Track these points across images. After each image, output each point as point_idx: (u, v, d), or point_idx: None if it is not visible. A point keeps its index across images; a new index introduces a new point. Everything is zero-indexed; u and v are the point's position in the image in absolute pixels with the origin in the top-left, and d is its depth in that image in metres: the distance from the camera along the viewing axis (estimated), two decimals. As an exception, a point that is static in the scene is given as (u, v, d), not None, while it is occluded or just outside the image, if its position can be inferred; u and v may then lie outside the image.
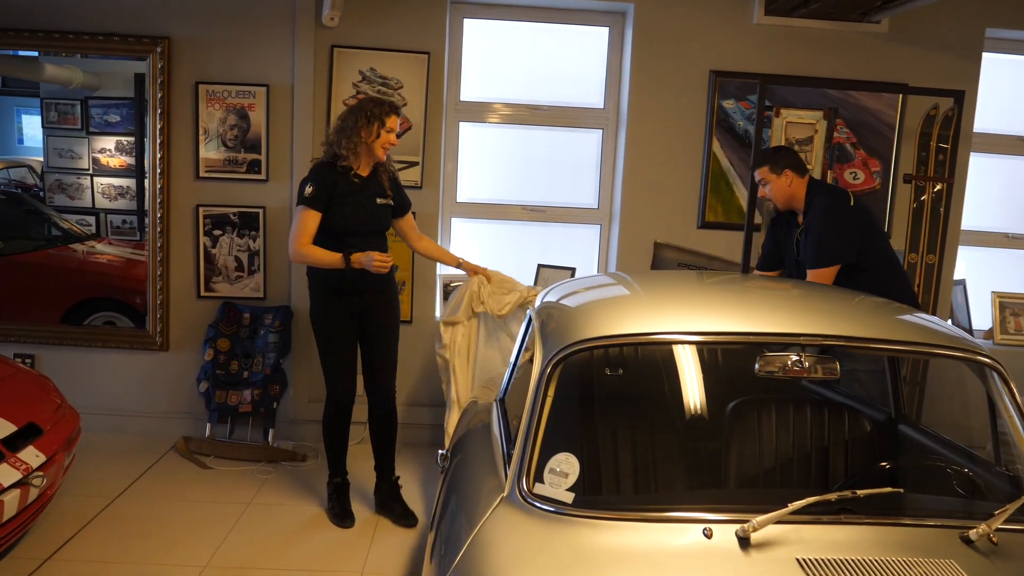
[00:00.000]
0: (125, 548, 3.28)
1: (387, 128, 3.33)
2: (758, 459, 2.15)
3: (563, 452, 1.75)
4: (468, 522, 1.75)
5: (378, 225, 3.47)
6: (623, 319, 2.01)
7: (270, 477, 4.07)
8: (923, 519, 1.65)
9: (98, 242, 6.04)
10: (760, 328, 1.92)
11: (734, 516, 1.59)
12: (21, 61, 5.55)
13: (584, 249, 4.83)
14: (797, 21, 4.37)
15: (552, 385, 1.86)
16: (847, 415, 2.49)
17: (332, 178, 3.31)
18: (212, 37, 4.31)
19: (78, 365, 4.50)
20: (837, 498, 1.61)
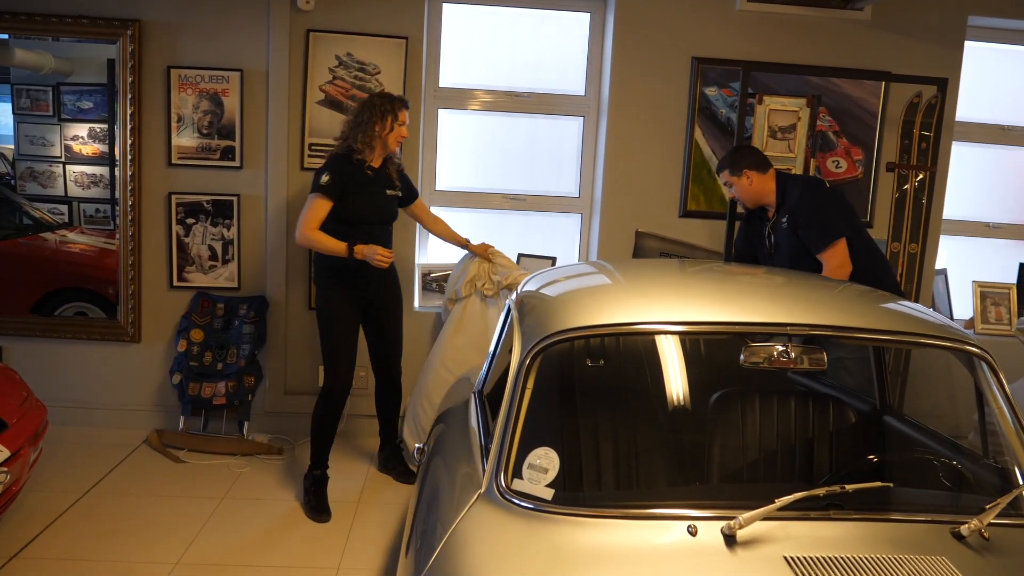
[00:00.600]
0: (94, 545, 3.19)
1: (400, 122, 3.53)
2: (742, 452, 2.11)
3: (542, 447, 1.69)
4: (444, 519, 1.69)
5: (387, 215, 3.65)
6: (604, 309, 1.95)
7: (245, 471, 3.99)
8: (913, 514, 1.60)
9: (70, 231, 5.89)
10: (744, 318, 1.87)
11: (719, 513, 1.54)
12: (-12, 45, 5.39)
13: (565, 238, 4.77)
14: (780, 8, 4.32)
15: (531, 377, 1.80)
16: (832, 406, 2.45)
17: (348, 169, 3.47)
18: (184, 20, 4.20)
19: (47, 357, 4.39)
20: (825, 493, 1.57)
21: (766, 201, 3.53)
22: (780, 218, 3.47)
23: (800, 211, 3.39)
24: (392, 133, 3.52)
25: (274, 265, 4.35)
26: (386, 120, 3.49)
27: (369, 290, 3.62)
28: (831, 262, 3.32)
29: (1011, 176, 4.92)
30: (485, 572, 1.45)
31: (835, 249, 3.31)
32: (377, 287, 3.65)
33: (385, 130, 3.50)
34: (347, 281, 3.56)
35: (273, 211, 4.30)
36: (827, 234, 3.33)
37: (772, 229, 3.53)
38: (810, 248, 3.38)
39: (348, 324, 3.61)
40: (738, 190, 3.57)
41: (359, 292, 3.59)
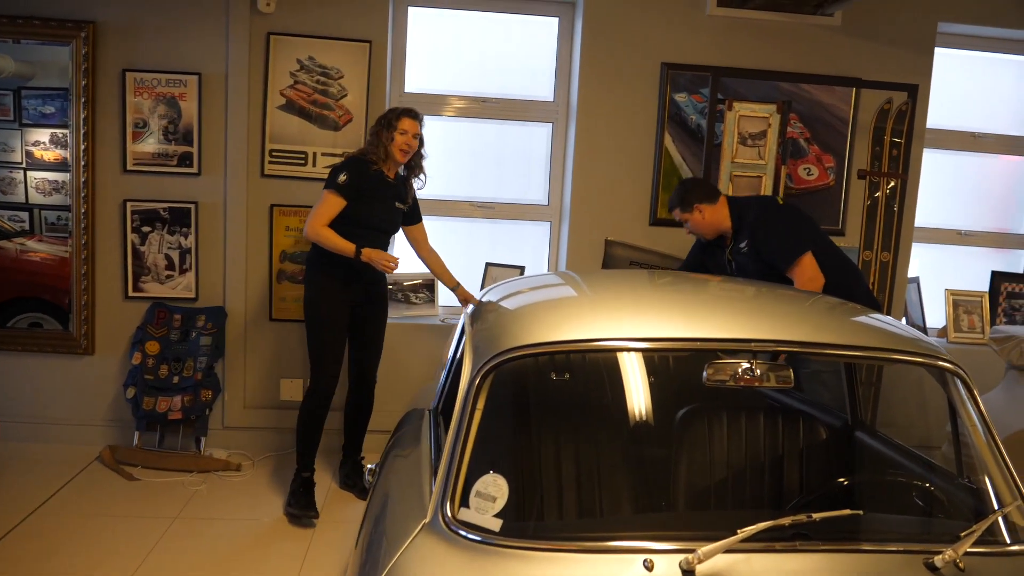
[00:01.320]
0: (37, 567, 3.04)
1: (399, 130, 3.53)
2: (708, 474, 2.01)
3: (491, 473, 1.58)
4: (387, 549, 1.58)
5: (391, 226, 3.69)
6: (562, 324, 1.85)
7: (201, 488, 3.84)
8: (885, 544, 1.51)
9: (28, 239, 5.71)
10: (708, 333, 1.78)
11: (679, 545, 1.44)
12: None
13: (534, 247, 4.68)
14: (750, 13, 4.26)
15: (481, 397, 1.70)
16: (802, 423, 2.37)
17: (365, 172, 3.51)
18: (140, 22, 4.06)
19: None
20: (791, 523, 1.47)
21: (723, 229, 3.49)
22: (738, 243, 3.42)
23: (758, 232, 3.34)
24: (394, 143, 3.52)
25: (233, 275, 4.21)
26: (389, 131, 3.53)
27: (359, 292, 3.63)
28: (801, 278, 3.26)
29: (982, 183, 4.89)
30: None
31: (802, 264, 3.26)
32: (366, 290, 3.67)
33: (388, 140, 3.53)
34: (340, 279, 3.56)
35: (232, 219, 4.17)
36: (790, 250, 3.28)
37: (732, 255, 3.47)
38: (777, 267, 3.31)
39: (337, 321, 3.60)
40: (693, 225, 3.53)
41: (350, 292, 3.60)
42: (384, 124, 3.57)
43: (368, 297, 3.70)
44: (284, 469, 4.06)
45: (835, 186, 4.47)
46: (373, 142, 3.57)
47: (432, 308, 4.49)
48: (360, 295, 3.66)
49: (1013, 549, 1.56)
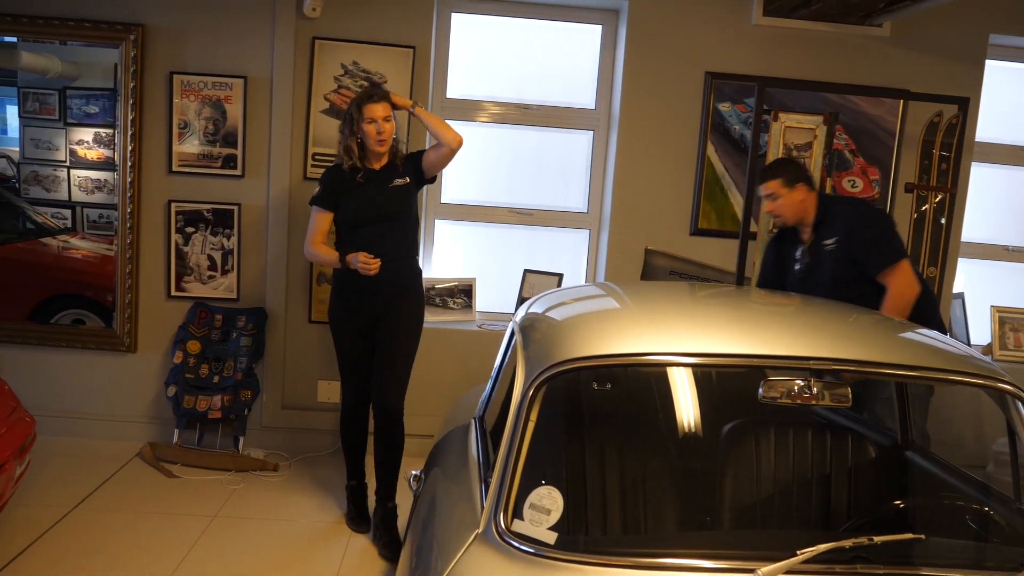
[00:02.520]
0: (79, 563, 3.08)
1: (366, 119, 3.24)
2: (755, 492, 1.98)
3: (545, 485, 1.58)
4: (440, 560, 1.58)
5: (392, 208, 3.35)
6: (614, 337, 1.84)
7: (239, 488, 3.88)
8: (947, 570, 1.48)
9: (72, 236, 5.82)
10: (762, 350, 1.76)
11: (733, 564, 1.42)
12: (-5, 47, 5.34)
13: (572, 254, 4.67)
14: (796, 23, 4.22)
15: (535, 409, 1.69)
16: (851, 440, 2.33)
17: (339, 176, 3.36)
18: (188, 25, 4.12)
19: (40, 365, 4.29)
20: (852, 545, 1.45)
21: (806, 218, 3.36)
22: (822, 239, 3.29)
23: (856, 230, 3.22)
24: (368, 137, 3.27)
25: (274, 276, 4.25)
26: (354, 125, 3.27)
27: (376, 306, 3.36)
28: (898, 283, 3.13)
29: (1031, 199, 4.80)
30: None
31: (900, 269, 3.15)
32: (385, 303, 3.36)
33: (359, 133, 3.28)
34: (351, 293, 3.39)
35: (275, 221, 4.21)
36: (891, 253, 3.17)
37: (809, 251, 3.35)
38: (868, 271, 3.17)
39: (352, 338, 3.43)
40: (785, 203, 3.32)
41: (365, 306, 3.36)
42: (347, 122, 3.31)
43: (387, 311, 3.36)
44: (320, 470, 4.09)
45: (879, 199, 4.41)
46: (343, 147, 3.32)
47: (469, 314, 4.49)
48: (377, 309, 3.36)
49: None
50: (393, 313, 3.37)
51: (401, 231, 3.39)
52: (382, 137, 3.26)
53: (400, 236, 3.38)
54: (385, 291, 3.33)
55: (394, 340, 3.37)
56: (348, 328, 3.42)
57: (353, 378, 3.48)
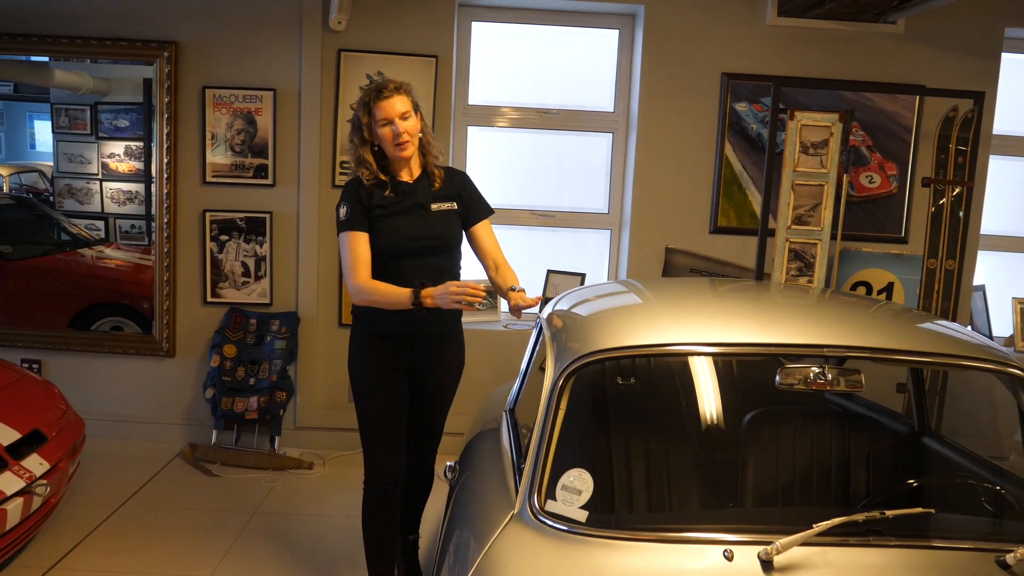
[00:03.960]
0: (128, 559, 3.22)
1: (379, 121, 2.55)
2: (777, 474, 2.08)
3: (576, 468, 1.68)
4: (477, 540, 1.69)
5: (441, 239, 2.64)
6: (638, 329, 1.94)
7: (276, 485, 4.01)
8: (956, 541, 1.57)
9: (106, 247, 6.01)
10: (778, 339, 1.85)
11: (756, 537, 1.52)
12: (30, 66, 5.53)
13: (594, 254, 4.76)
14: (811, 22, 4.30)
15: (564, 397, 1.80)
16: (868, 427, 2.42)
17: (366, 191, 2.60)
18: (219, 41, 4.27)
19: (84, 371, 4.46)
20: (865, 519, 1.54)
21: None
22: None
23: None
24: (385, 142, 2.58)
25: (305, 281, 4.38)
26: (359, 136, 2.62)
27: (415, 357, 2.67)
28: None
29: (1050, 190, 4.83)
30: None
31: None
32: (426, 354, 2.69)
33: (373, 140, 2.60)
34: (385, 343, 2.65)
35: (305, 228, 4.35)
36: None
37: None
38: None
39: (388, 399, 2.68)
40: None
41: (401, 358, 2.66)
42: (356, 128, 2.62)
43: (428, 362, 2.69)
44: (353, 468, 4.19)
45: (898, 194, 4.47)
46: (355, 159, 2.63)
47: (494, 314, 4.60)
48: (415, 359, 2.67)
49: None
50: (435, 364, 2.72)
51: (447, 261, 2.69)
52: (402, 140, 2.55)
53: (447, 269, 2.67)
54: (426, 338, 2.66)
55: (439, 395, 2.78)
56: (380, 386, 2.67)
57: (384, 450, 2.69)
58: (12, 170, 7.17)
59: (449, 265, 2.70)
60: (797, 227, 3.98)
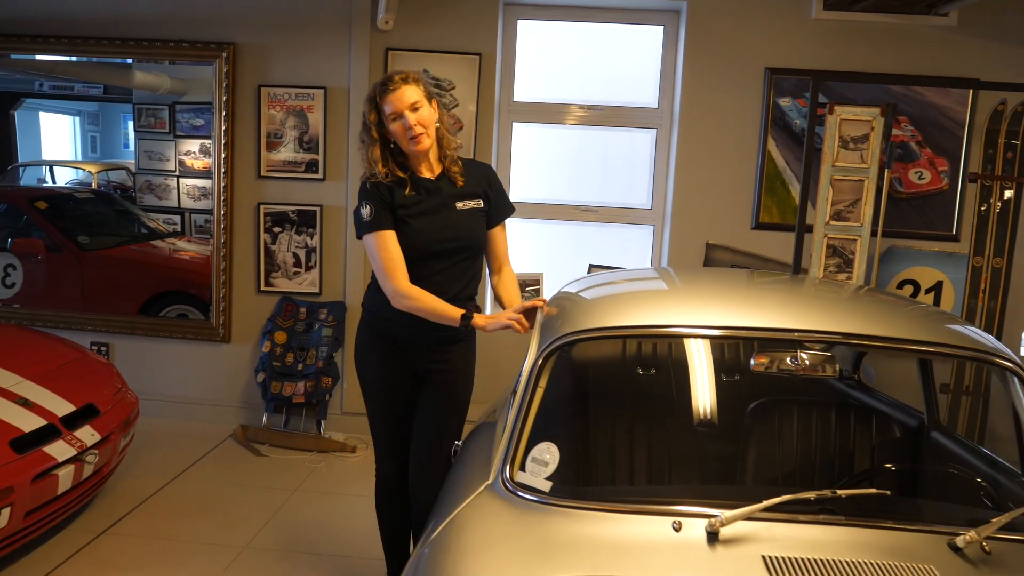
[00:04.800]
0: (174, 527, 3.44)
1: (388, 116, 2.42)
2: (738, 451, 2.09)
3: (545, 442, 1.76)
4: (452, 505, 1.78)
5: (465, 240, 2.54)
6: (624, 311, 2.00)
7: (319, 466, 4.19)
8: (910, 523, 1.58)
9: (178, 239, 6.37)
10: (758, 323, 1.88)
11: (705, 511, 1.56)
12: (114, 68, 5.91)
13: (638, 250, 4.79)
14: (858, 15, 4.23)
15: (544, 376, 1.87)
16: (875, 420, 2.41)
17: (387, 188, 2.47)
18: (274, 42, 4.48)
19: (148, 354, 4.75)
20: (816, 497, 1.57)
21: None
22: None
23: None
24: (396, 137, 2.45)
25: (352, 272, 4.56)
26: (368, 134, 2.49)
27: (418, 360, 2.59)
28: None
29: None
30: (470, 555, 1.54)
31: None
32: (430, 359, 2.59)
33: (376, 143, 2.46)
34: (385, 341, 2.60)
35: (353, 221, 4.51)
36: None
37: None
38: None
39: (389, 396, 2.64)
40: None
41: (405, 358, 2.59)
42: (365, 131, 2.49)
43: (432, 367, 2.59)
44: (393, 453, 4.36)
45: (949, 190, 4.35)
46: (367, 159, 2.50)
47: (536, 307, 4.67)
48: (419, 363, 2.59)
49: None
50: (442, 366, 2.60)
51: (471, 263, 2.59)
52: (416, 132, 2.40)
53: (470, 271, 2.59)
54: (435, 338, 2.55)
55: (442, 403, 2.62)
56: (383, 383, 2.64)
57: (389, 447, 2.70)
58: (100, 167, 7.65)
59: (473, 268, 2.60)
60: (836, 223, 3.94)
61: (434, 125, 2.49)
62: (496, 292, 2.67)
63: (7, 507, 2.72)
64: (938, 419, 2.40)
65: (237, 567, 3.16)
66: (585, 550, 1.52)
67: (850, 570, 1.43)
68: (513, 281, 2.66)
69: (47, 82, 6.91)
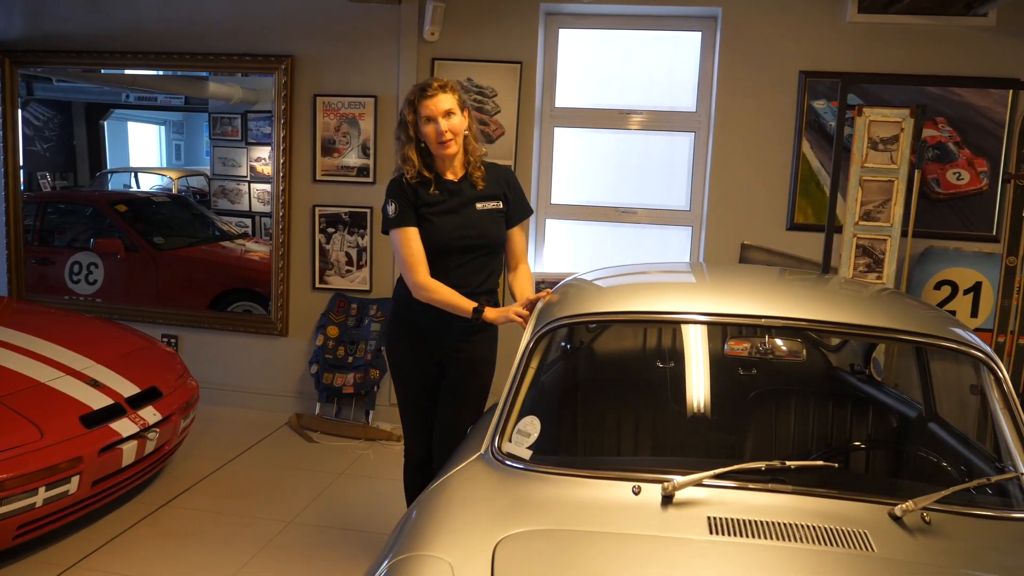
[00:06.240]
0: (228, 502, 3.74)
1: (423, 119, 2.62)
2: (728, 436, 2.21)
3: (530, 415, 1.93)
4: (444, 474, 1.97)
5: (484, 238, 2.73)
6: (616, 297, 2.17)
7: (366, 453, 4.45)
8: (855, 493, 1.69)
9: (247, 240, 6.77)
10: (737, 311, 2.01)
11: (663, 478, 1.71)
12: (191, 80, 6.34)
13: (677, 251, 4.90)
14: (893, 18, 4.26)
15: (535, 358, 2.05)
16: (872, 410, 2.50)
17: (411, 188, 2.68)
18: (329, 54, 4.78)
19: (213, 346, 5.10)
20: (766, 467, 1.70)
21: None
22: None
23: None
24: (429, 140, 2.65)
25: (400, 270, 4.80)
26: (404, 133, 2.69)
27: (439, 348, 2.78)
28: None
29: None
30: (448, 508, 1.73)
31: None
32: (452, 346, 2.76)
33: (412, 143, 2.67)
34: (412, 330, 2.81)
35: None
36: None
37: None
38: None
39: (415, 381, 2.86)
40: None
41: (427, 347, 2.79)
42: (402, 126, 2.69)
43: (453, 355, 2.77)
44: (435, 442, 4.59)
45: (989, 191, 4.34)
46: (400, 156, 2.72)
47: (575, 305, 4.84)
48: (440, 351, 2.78)
49: (986, 513, 1.68)
50: (459, 357, 2.78)
51: (490, 260, 2.78)
52: (446, 138, 2.61)
53: (488, 267, 2.77)
54: (459, 328, 2.71)
55: (459, 397, 2.81)
56: (409, 368, 2.86)
57: (415, 429, 2.92)
58: (181, 173, 8.17)
59: (492, 264, 2.78)
60: (865, 223, 3.99)
61: (463, 133, 2.70)
62: (511, 288, 2.86)
63: (76, 475, 3.04)
64: (935, 411, 2.47)
65: (281, 539, 3.42)
66: (551, 508, 1.69)
67: (784, 531, 1.56)
68: (528, 278, 2.84)
69: (132, 94, 7.42)
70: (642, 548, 1.53)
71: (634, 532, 1.58)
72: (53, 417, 3.08)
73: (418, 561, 1.52)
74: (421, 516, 1.74)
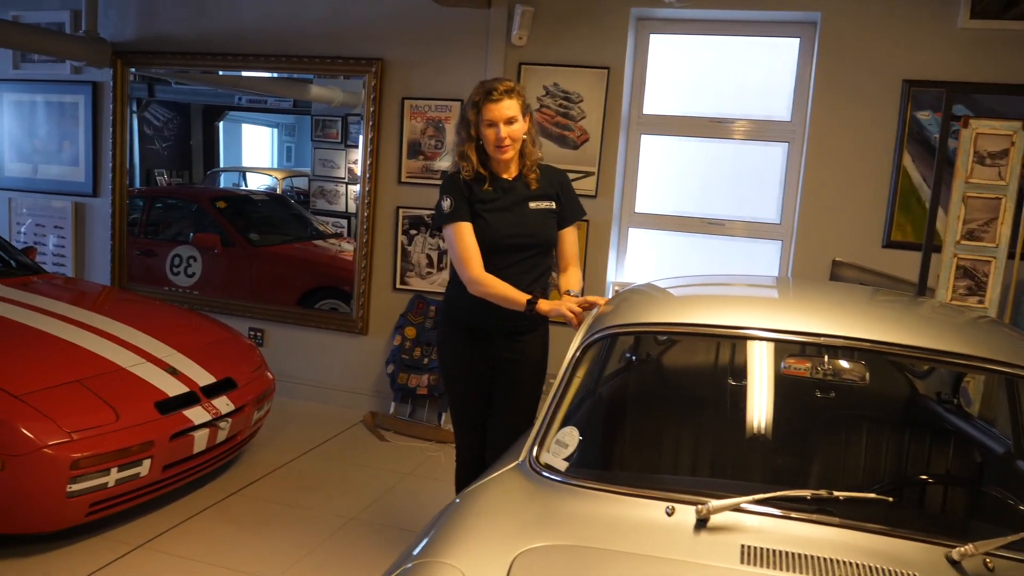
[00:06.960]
0: (295, 495, 3.81)
1: (485, 122, 2.62)
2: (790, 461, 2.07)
3: (569, 426, 1.87)
4: (484, 479, 1.93)
5: (537, 236, 2.75)
6: (674, 309, 2.08)
7: (435, 455, 4.46)
8: (911, 532, 1.55)
9: (341, 240, 6.93)
10: (801, 328, 1.89)
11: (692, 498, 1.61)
12: (294, 83, 6.55)
13: (765, 265, 4.72)
14: (1009, 24, 3.97)
15: (582, 368, 1.98)
16: (954, 442, 2.31)
17: (466, 184, 2.71)
18: (417, 57, 4.83)
19: (296, 341, 5.23)
20: (811, 496, 1.57)
21: None
22: None
23: None
24: (488, 143, 2.66)
25: (478, 274, 4.80)
26: (466, 132, 2.70)
27: (492, 348, 2.78)
28: None
29: None
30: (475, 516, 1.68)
31: None
32: (504, 347, 2.77)
33: (471, 142, 2.69)
34: (462, 332, 2.82)
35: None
36: None
37: None
38: None
39: (466, 382, 2.85)
40: None
41: (480, 346, 2.79)
42: (463, 123, 2.70)
43: (504, 355, 2.78)
44: (505, 449, 4.56)
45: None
46: (457, 153, 2.74)
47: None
48: (492, 351, 2.78)
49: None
50: (515, 356, 2.79)
51: (542, 259, 2.80)
52: (503, 144, 2.63)
53: (540, 266, 2.79)
54: (509, 329, 2.74)
55: (514, 392, 2.81)
56: (459, 371, 2.86)
57: (466, 431, 2.91)
58: (285, 174, 8.45)
59: (543, 264, 2.80)
60: (968, 242, 3.72)
61: (521, 138, 2.72)
62: (560, 289, 2.81)
63: (148, 459, 3.15)
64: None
65: (341, 534, 3.46)
66: (578, 523, 1.62)
67: (823, 567, 1.44)
68: (577, 280, 2.82)
69: (243, 96, 7.73)
70: (664, 572, 1.44)
71: (659, 555, 1.49)
72: (130, 401, 3.20)
73: (432, 567, 1.49)
74: (447, 521, 1.70)
